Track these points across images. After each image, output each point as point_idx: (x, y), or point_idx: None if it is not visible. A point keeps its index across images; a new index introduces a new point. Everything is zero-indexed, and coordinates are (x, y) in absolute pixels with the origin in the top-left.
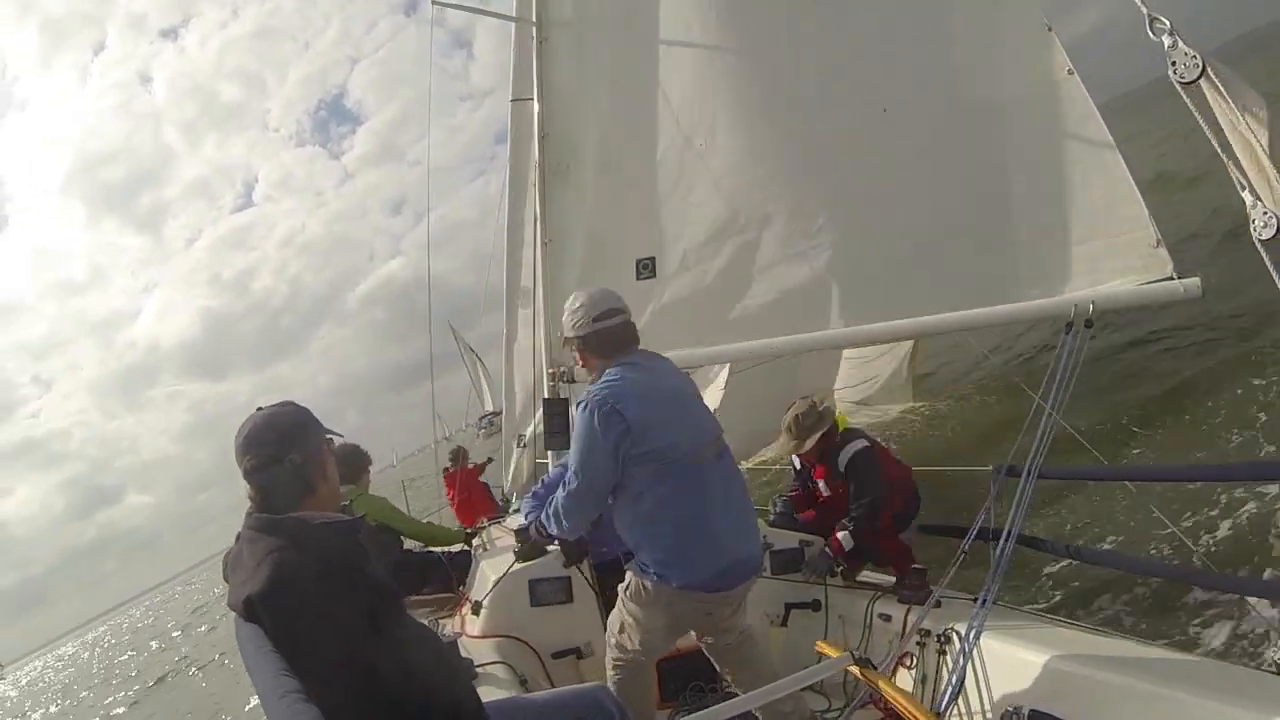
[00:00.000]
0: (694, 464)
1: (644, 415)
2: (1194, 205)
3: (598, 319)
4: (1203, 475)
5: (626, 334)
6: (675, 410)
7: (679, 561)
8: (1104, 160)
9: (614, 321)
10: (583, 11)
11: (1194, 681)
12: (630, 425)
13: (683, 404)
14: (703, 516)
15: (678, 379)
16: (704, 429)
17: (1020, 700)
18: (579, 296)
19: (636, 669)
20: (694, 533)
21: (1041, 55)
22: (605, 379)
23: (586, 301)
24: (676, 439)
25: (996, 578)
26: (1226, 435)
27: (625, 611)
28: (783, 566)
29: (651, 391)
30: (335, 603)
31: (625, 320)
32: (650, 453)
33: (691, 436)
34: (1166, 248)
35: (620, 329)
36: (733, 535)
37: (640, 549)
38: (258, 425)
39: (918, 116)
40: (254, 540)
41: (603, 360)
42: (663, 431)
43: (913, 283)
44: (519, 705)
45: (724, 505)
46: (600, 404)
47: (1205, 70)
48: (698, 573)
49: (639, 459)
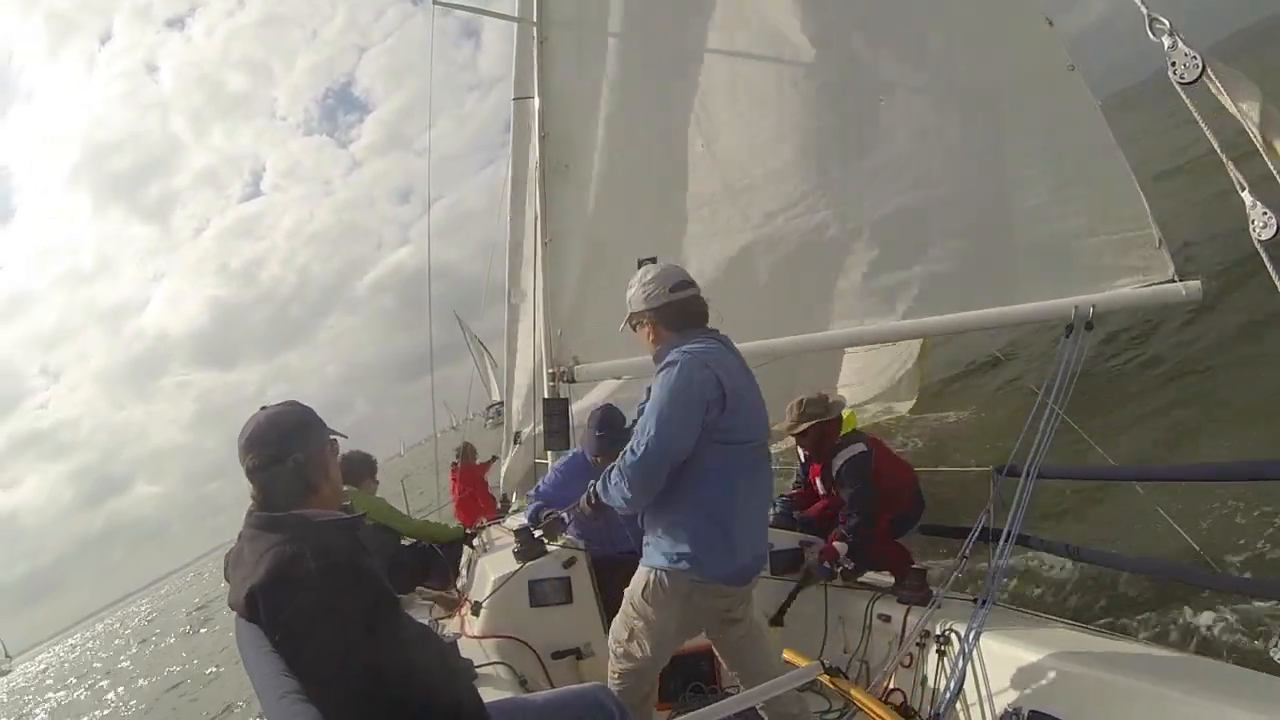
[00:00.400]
0: (754, 455)
1: (738, 386)
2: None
3: (674, 289)
4: (1203, 475)
5: (701, 308)
6: (753, 391)
7: (708, 553)
8: (1105, 159)
9: (689, 293)
10: (583, 11)
11: (1194, 681)
12: (726, 393)
13: (756, 390)
14: (740, 509)
15: (742, 368)
16: (765, 421)
17: (1020, 700)
18: (650, 269)
19: (641, 678)
20: (729, 524)
21: (1042, 51)
22: (691, 344)
23: (660, 274)
24: (750, 424)
25: (996, 578)
26: (1227, 435)
27: (635, 614)
28: (783, 566)
29: (735, 366)
30: (337, 599)
31: (698, 294)
32: (724, 431)
33: (759, 426)
34: (1168, 249)
35: (696, 302)
36: (755, 530)
37: (668, 536)
38: (261, 424)
39: (917, 115)
40: (255, 538)
41: (676, 335)
42: (744, 413)
43: (913, 283)
44: (519, 705)
45: (759, 500)
46: (698, 364)
47: (1205, 70)
48: (724, 566)
49: (710, 435)
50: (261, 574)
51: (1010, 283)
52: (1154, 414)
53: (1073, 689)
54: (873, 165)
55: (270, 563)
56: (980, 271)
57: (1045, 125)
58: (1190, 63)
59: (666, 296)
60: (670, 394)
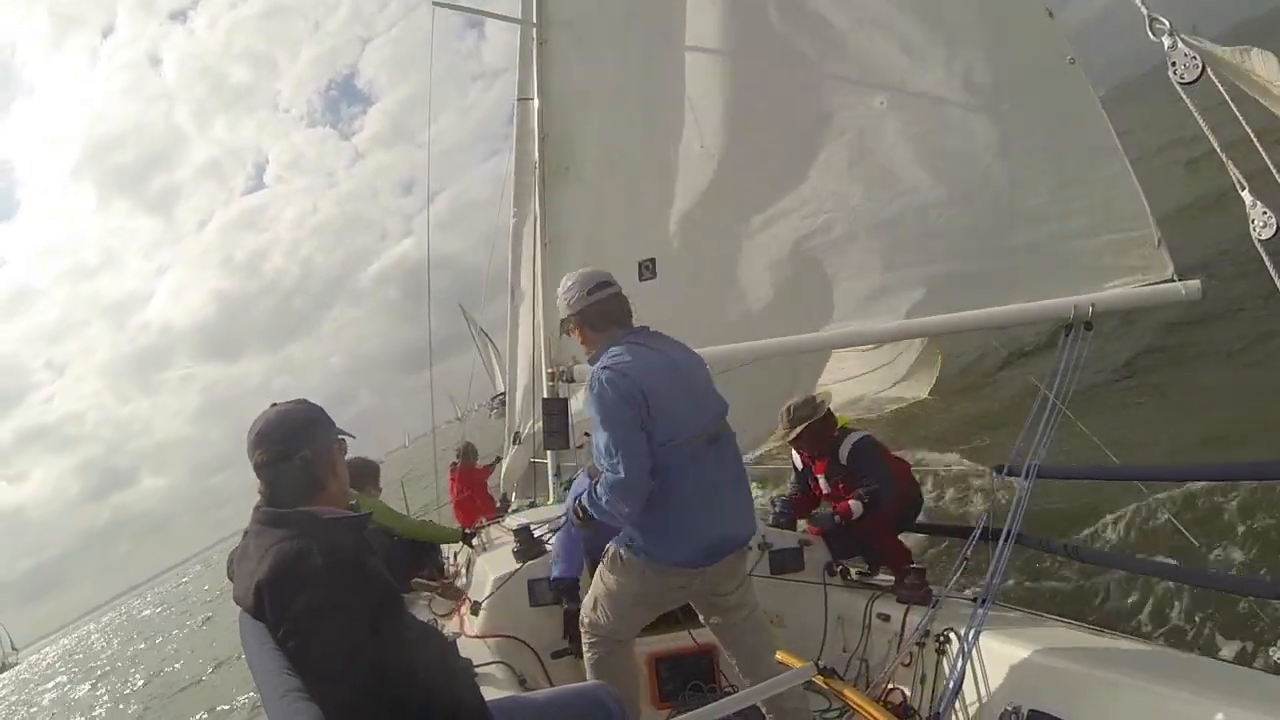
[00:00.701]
0: (692, 445)
1: (659, 387)
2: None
3: (591, 292)
4: (1204, 475)
5: (621, 306)
6: (679, 387)
7: (661, 541)
8: (1105, 156)
9: (607, 293)
10: (583, 13)
11: (1194, 681)
12: (646, 396)
13: (686, 381)
14: (695, 499)
15: (681, 353)
16: (705, 408)
17: (1020, 700)
18: (570, 276)
19: (611, 650)
20: (683, 514)
21: (1042, 44)
22: (609, 355)
23: (578, 279)
24: (679, 417)
25: (996, 578)
26: (1228, 434)
27: (600, 584)
28: (783, 566)
29: (656, 367)
30: (343, 596)
31: (617, 292)
32: (655, 430)
33: (693, 415)
34: (1167, 248)
35: (614, 300)
36: (721, 515)
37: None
38: (270, 421)
39: (917, 114)
40: (261, 533)
41: (601, 334)
42: (669, 409)
43: (913, 283)
44: (519, 705)
45: (718, 487)
46: (612, 380)
47: (1205, 70)
48: (677, 552)
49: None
50: (267, 569)
51: (1010, 282)
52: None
53: (1072, 688)
54: (873, 166)
55: (276, 558)
56: (980, 271)
57: (1045, 123)
58: (1190, 63)
59: (585, 300)
60: (608, 419)
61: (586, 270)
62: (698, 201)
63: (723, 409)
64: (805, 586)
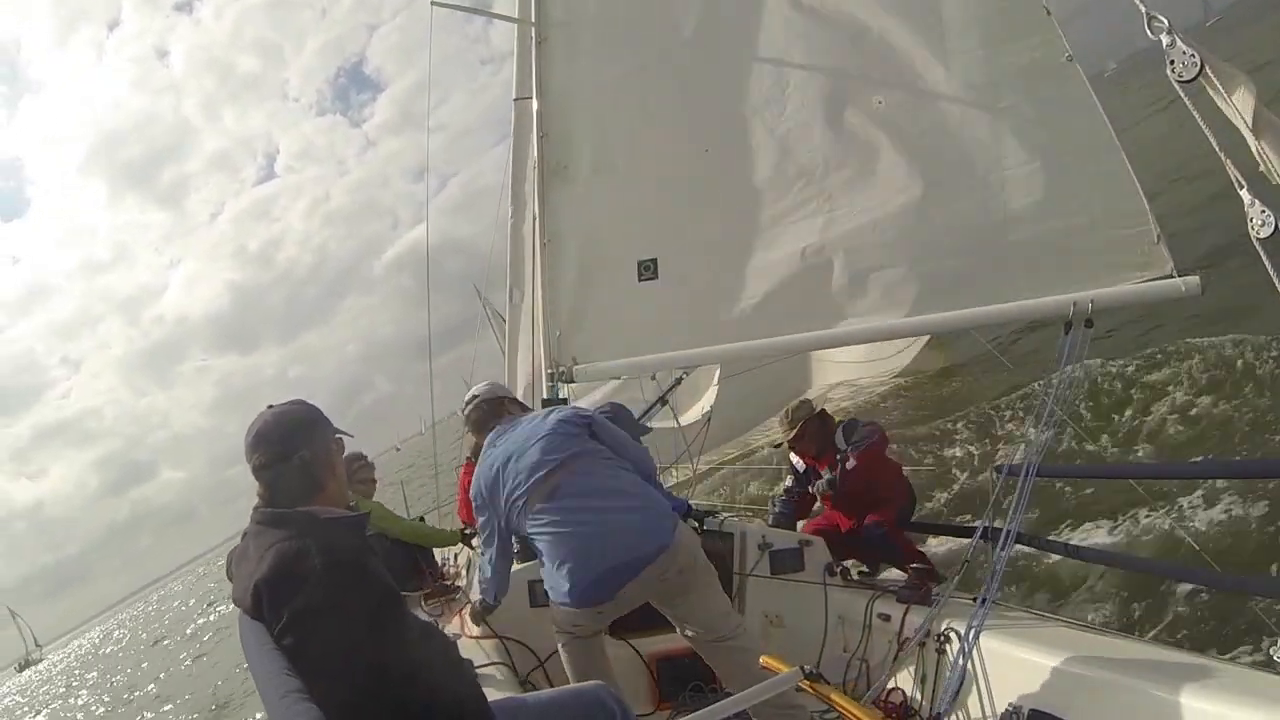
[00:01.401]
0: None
1: (488, 478)
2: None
3: (464, 409)
4: (1204, 473)
5: (485, 414)
6: (510, 468)
7: (553, 584)
8: (1103, 151)
9: (470, 407)
10: (582, 12)
11: (1194, 681)
12: (482, 487)
13: (517, 459)
14: (561, 545)
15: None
16: (534, 470)
17: (1020, 700)
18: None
19: (577, 644)
20: (554, 564)
21: (1040, 41)
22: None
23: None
24: (514, 492)
25: (996, 577)
26: (1228, 434)
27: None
28: (783, 566)
29: (496, 462)
30: (341, 596)
31: (478, 403)
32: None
33: (526, 485)
34: (1166, 244)
35: (474, 412)
36: (594, 554)
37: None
38: (268, 423)
39: (913, 110)
40: (260, 534)
41: (479, 436)
42: (504, 492)
43: (912, 281)
44: (519, 705)
45: (582, 525)
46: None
47: (1203, 69)
48: (565, 595)
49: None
50: (266, 569)
51: (1009, 279)
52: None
53: (1073, 688)
54: (871, 164)
55: (275, 558)
56: (980, 268)
57: (1043, 120)
58: (1189, 61)
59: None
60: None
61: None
62: (698, 201)
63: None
64: (805, 586)
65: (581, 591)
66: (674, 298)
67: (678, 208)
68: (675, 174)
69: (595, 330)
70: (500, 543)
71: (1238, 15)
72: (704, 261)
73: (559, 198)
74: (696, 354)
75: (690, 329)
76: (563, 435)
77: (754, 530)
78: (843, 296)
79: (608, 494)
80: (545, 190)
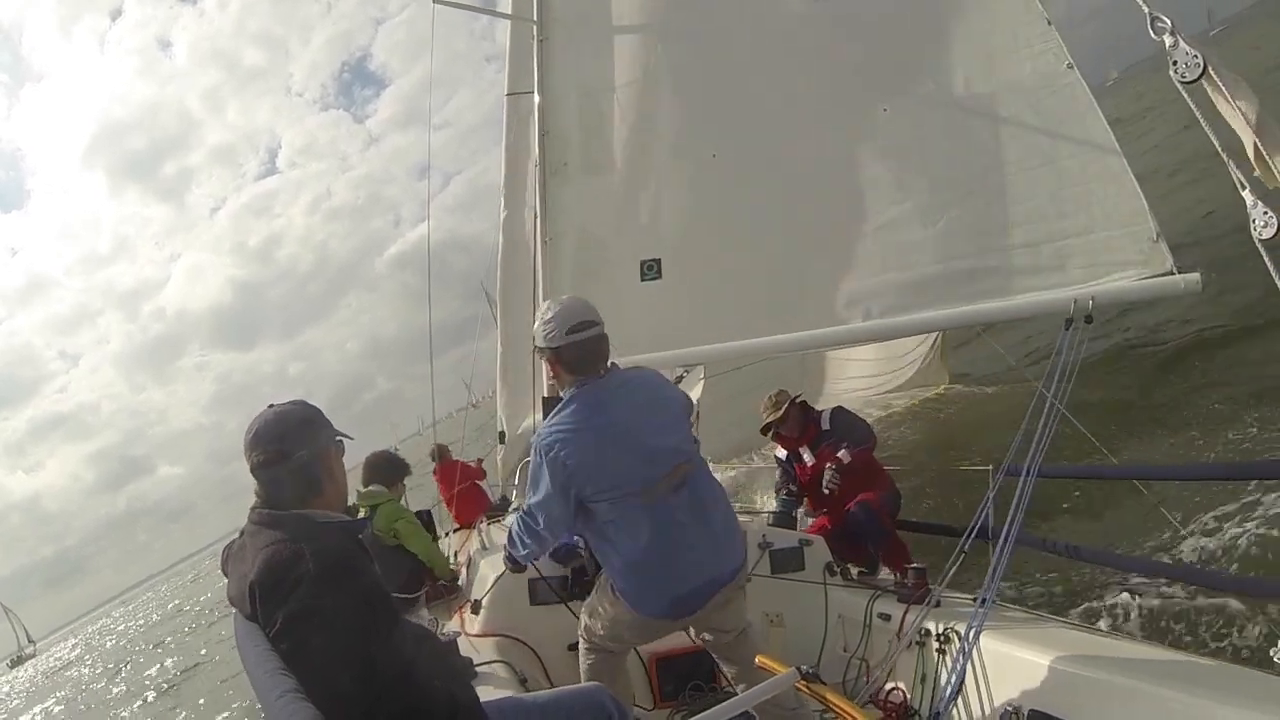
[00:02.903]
0: (647, 502)
1: (586, 460)
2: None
3: (571, 331)
4: (1205, 474)
5: (600, 349)
6: (625, 447)
7: (633, 592)
8: (1103, 154)
9: (588, 334)
10: (583, 10)
11: (1194, 681)
12: (573, 472)
13: (636, 437)
14: (658, 552)
15: (642, 398)
16: (659, 462)
17: (1020, 700)
18: (552, 306)
19: (605, 658)
20: (648, 569)
21: (1041, 51)
22: (555, 419)
23: (561, 312)
24: (625, 479)
25: (996, 577)
26: (1228, 433)
27: (596, 600)
28: (783, 566)
29: (602, 430)
30: (335, 599)
31: (599, 334)
32: (599, 493)
33: (643, 473)
34: (1166, 242)
35: (593, 343)
36: (696, 562)
37: (606, 568)
38: (268, 422)
39: (916, 113)
40: (256, 534)
41: (571, 375)
42: (611, 473)
43: (914, 281)
44: (519, 705)
45: (686, 536)
46: (546, 450)
47: (1206, 69)
48: (652, 605)
49: (592, 498)
50: (259, 571)
51: (1010, 278)
52: (1155, 412)
53: (1072, 688)
54: (876, 169)
55: (269, 560)
56: (980, 268)
57: (1045, 127)
58: (1192, 62)
59: (564, 338)
60: (533, 480)
61: (570, 302)
62: (702, 201)
63: (680, 455)
64: (805, 586)
65: (674, 602)
66: (677, 297)
67: (682, 208)
68: (679, 174)
69: None
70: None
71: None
72: (708, 262)
73: (560, 195)
74: (700, 352)
75: (693, 328)
76: (684, 420)
77: (754, 530)
78: (846, 295)
79: (716, 500)
80: (546, 188)
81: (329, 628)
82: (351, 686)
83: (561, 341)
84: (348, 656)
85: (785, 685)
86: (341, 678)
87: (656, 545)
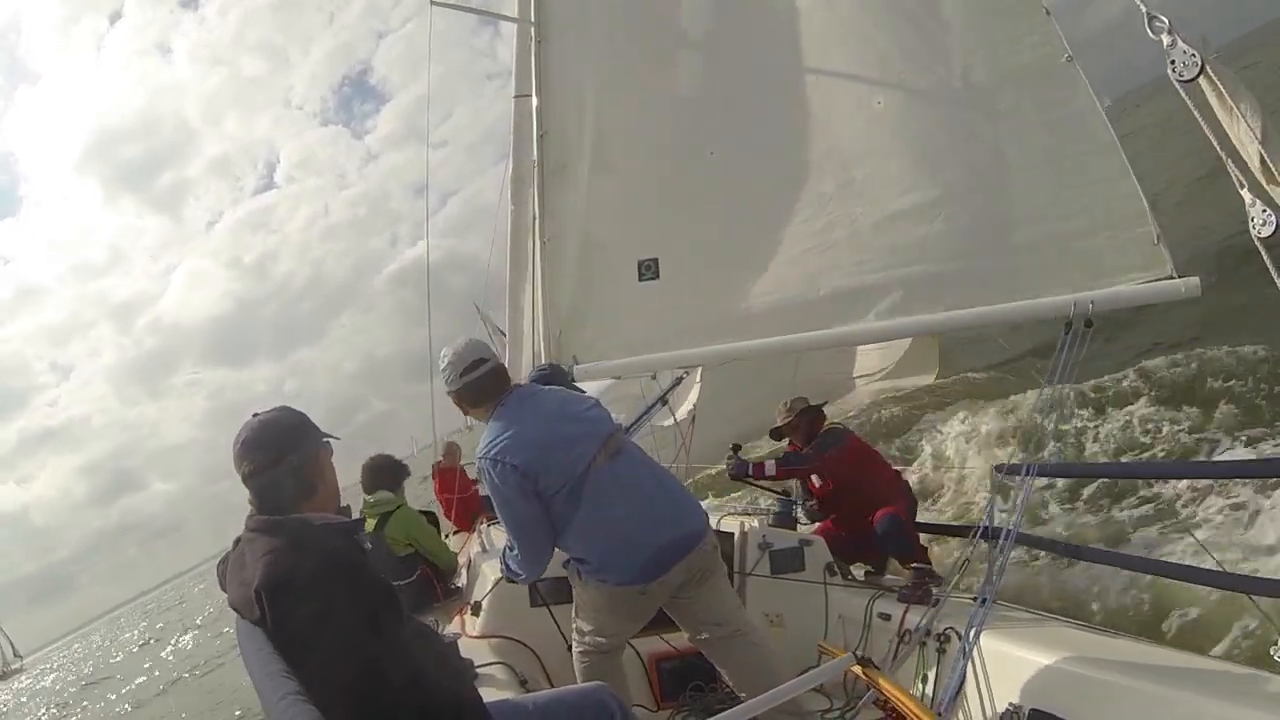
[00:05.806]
0: (592, 480)
1: (530, 456)
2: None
3: (465, 372)
4: (1205, 473)
5: (495, 383)
6: (553, 440)
7: (607, 566)
8: (1104, 154)
9: (480, 372)
10: (582, 11)
11: (1194, 681)
12: (524, 470)
13: (557, 428)
14: (618, 521)
15: (552, 403)
16: (585, 443)
17: (1020, 700)
18: (446, 353)
19: (599, 659)
20: (614, 539)
21: (1040, 42)
22: (486, 440)
23: (454, 359)
24: (563, 467)
25: (996, 577)
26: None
27: (576, 598)
28: (783, 566)
29: (526, 432)
30: (336, 601)
31: (491, 368)
32: (549, 486)
33: (576, 457)
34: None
35: (488, 378)
36: (652, 526)
37: (576, 562)
38: (255, 430)
39: (913, 110)
40: (255, 541)
41: (479, 409)
42: (550, 465)
43: (913, 282)
44: (519, 705)
45: (643, 489)
46: (492, 465)
47: (1204, 69)
48: (622, 571)
49: (548, 492)
50: (263, 576)
51: (1010, 280)
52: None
53: (1073, 688)
54: (873, 166)
55: (272, 565)
56: (980, 269)
57: (1044, 122)
58: (1190, 61)
59: (459, 381)
60: (497, 503)
61: (461, 346)
62: (700, 202)
63: (607, 426)
64: (805, 586)
65: (642, 566)
66: (675, 297)
67: (679, 208)
68: (677, 174)
69: (596, 329)
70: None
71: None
72: (705, 262)
73: (559, 196)
74: (697, 353)
75: (691, 329)
76: (598, 407)
77: (754, 530)
78: (844, 297)
79: (654, 468)
80: (545, 189)
81: (334, 628)
82: (356, 688)
83: (458, 385)
84: (352, 658)
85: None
86: (346, 680)
87: (620, 505)
